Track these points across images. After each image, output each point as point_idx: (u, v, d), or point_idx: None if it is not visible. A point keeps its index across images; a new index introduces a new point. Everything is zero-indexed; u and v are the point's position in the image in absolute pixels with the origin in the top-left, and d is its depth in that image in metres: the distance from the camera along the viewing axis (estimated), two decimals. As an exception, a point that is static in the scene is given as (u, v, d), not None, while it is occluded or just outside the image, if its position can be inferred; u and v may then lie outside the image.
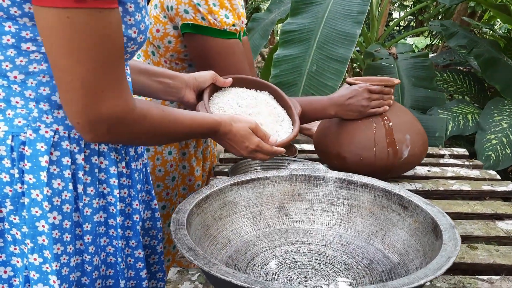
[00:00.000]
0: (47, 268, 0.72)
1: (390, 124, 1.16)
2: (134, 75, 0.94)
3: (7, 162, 0.70)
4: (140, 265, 0.85)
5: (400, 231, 0.81)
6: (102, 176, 0.77)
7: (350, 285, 0.75)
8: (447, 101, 2.45)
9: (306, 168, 0.94)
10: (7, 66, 0.68)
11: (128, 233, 0.83)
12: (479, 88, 2.55)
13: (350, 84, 1.23)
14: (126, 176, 0.81)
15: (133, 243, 0.83)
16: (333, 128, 1.20)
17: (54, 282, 0.72)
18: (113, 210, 0.79)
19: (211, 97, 1.02)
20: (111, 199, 0.78)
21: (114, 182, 0.78)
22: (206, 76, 1.01)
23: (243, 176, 0.91)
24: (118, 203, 0.78)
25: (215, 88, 1.03)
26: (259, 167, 1.25)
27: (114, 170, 0.77)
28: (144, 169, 0.86)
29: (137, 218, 0.82)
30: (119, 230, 0.79)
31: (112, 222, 0.79)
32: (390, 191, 0.85)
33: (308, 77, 1.97)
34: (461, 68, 3.18)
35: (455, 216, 1.08)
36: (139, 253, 0.84)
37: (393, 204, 0.84)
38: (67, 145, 0.72)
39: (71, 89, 0.63)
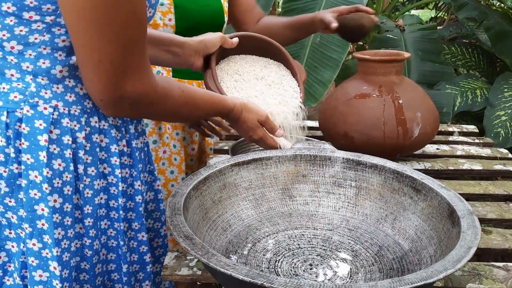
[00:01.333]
0: (47, 253, 0.69)
1: (400, 101, 1.09)
2: None
3: (1, 141, 0.66)
4: (143, 248, 0.81)
5: (412, 216, 0.76)
6: (103, 155, 0.73)
7: (349, 262, 0.70)
8: (454, 75, 2.37)
9: (311, 148, 0.88)
10: (3, 35, 0.63)
11: (131, 215, 0.79)
12: (488, 62, 2.47)
13: (358, 58, 1.16)
14: (127, 155, 0.76)
15: (136, 226, 0.80)
16: (340, 106, 1.13)
17: (54, 268, 0.69)
18: (114, 191, 0.75)
19: (218, 64, 1.02)
20: (112, 180, 0.74)
21: (116, 161, 0.73)
22: (215, 40, 0.99)
23: (244, 156, 0.85)
24: (120, 184, 0.74)
25: (221, 51, 1.01)
26: (260, 145, 1.19)
27: (115, 149, 0.73)
28: (145, 148, 0.82)
29: (139, 199, 0.78)
30: (120, 212, 0.75)
31: (114, 204, 0.75)
32: (401, 172, 0.80)
33: (312, 49, 1.89)
34: (467, 41, 3.08)
35: (466, 197, 1.03)
36: (143, 236, 0.80)
37: (404, 187, 0.79)
38: (68, 123, 0.68)
39: (100, 68, 0.61)
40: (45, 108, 0.66)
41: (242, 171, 0.84)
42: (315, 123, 1.47)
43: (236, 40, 1.01)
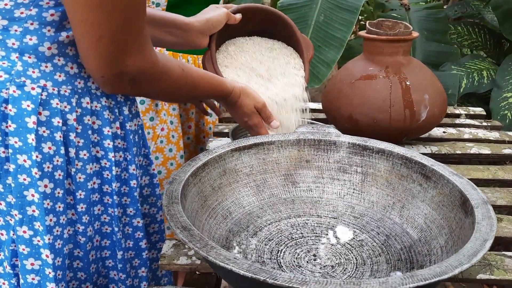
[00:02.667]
0: (38, 241, 0.66)
1: (408, 82, 1.05)
2: None
3: None
4: (139, 234, 0.78)
5: (421, 204, 0.73)
6: (95, 138, 0.70)
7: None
8: (460, 56, 2.31)
9: (315, 132, 0.84)
10: None
11: (125, 200, 0.76)
12: (495, 42, 2.40)
13: (364, 38, 1.11)
14: (121, 138, 0.73)
15: (130, 211, 0.76)
16: (344, 88, 1.09)
17: (47, 256, 0.66)
18: (108, 175, 0.72)
19: (219, 48, 0.99)
20: (105, 164, 0.71)
21: (109, 144, 0.70)
22: (221, 19, 0.96)
23: (245, 140, 0.81)
24: (113, 168, 0.71)
25: (223, 28, 0.96)
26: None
27: (108, 131, 0.70)
28: (140, 131, 0.78)
29: (134, 184, 0.75)
30: (115, 197, 0.72)
31: (107, 189, 0.72)
32: (410, 158, 0.76)
33: (315, 28, 1.83)
34: (471, 20, 3.00)
35: (474, 182, 0.98)
36: (138, 222, 0.77)
37: (413, 173, 0.75)
38: (57, 104, 0.64)
39: (100, 44, 0.58)
40: (33, 88, 0.63)
41: (243, 156, 0.80)
42: (318, 105, 1.42)
43: (239, 16, 0.97)
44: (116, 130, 0.72)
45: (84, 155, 0.68)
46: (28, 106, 0.62)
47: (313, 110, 1.40)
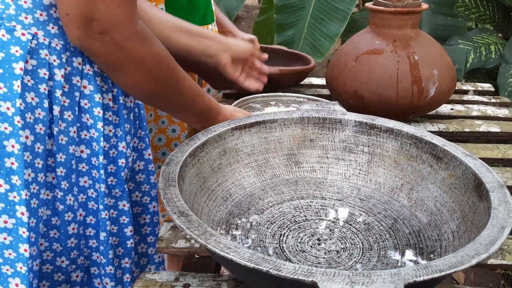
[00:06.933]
0: (14, 197, 0.60)
1: (416, 57, 1.00)
2: (173, 33, 0.88)
3: None
4: (124, 219, 0.73)
5: (431, 186, 0.69)
6: (85, 104, 0.65)
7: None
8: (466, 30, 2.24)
9: (320, 109, 0.80)
10: None
11: (111, 181, 0.71)
12: (503, 15, 2.33)
13: (370, 10, 1.05)
14: (113, 111, 0.68)
15: (116, 193, 0.71)
16: (349, 63, 1.04)
17: (22, 214, 0.60)
18: (96, 147, 0.67)
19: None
20: (93, 133, 0.66)
21: (99, 112, 0.65)
22: (245, 52, 1.00)
23: (246, 118, 0.77)
24: (101, 140, 0.66)
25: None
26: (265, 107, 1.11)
27: (99, 99, 0.65)
28: (136, 110, 0.73)
29: (122, 163, 0.70)
30: (101, 171, 0.67)
31: (95, 162, 0.68)
32: (420, 138, 0.72)
33: (318, 0, 1.76)
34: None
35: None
36: (124, 205, 0.72)
37: (423, 154, 0.71)
38: (46, 55, 0.60)
39: None
40: (23, 34, 0.59)
41: (244, 135, 0.76)
42: (321, 81, 1.37)
43: (266, 55, 1.07)
44: (108, 102, 0.67)
45: (69, 116, 0.64)
46: (16, 51, 0.58)
47: (316, 86, 1.36)
